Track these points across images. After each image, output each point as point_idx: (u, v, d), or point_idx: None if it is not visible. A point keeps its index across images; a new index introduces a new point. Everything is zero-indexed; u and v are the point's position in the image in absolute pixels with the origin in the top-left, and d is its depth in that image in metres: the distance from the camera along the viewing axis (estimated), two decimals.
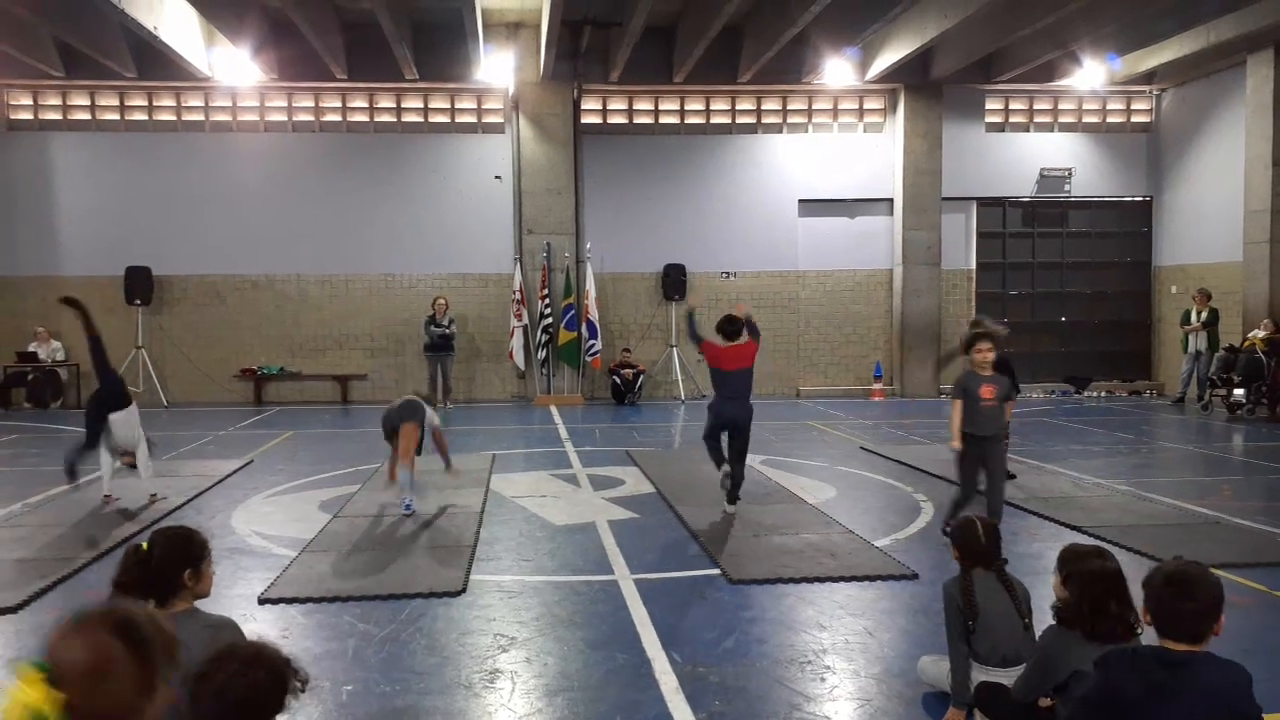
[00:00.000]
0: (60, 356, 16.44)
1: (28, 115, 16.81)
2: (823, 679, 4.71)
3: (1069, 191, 18.22)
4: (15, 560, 6.76)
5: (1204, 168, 17.18)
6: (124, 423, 8.31)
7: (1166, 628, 2.71)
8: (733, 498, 7.97)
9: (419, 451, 8.24)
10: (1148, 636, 2.99)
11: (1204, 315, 15.67)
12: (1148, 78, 17.45)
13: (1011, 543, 7.26)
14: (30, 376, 16.12)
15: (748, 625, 5.48)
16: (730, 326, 8.01)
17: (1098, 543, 5.22)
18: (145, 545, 2.98)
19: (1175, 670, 2.63)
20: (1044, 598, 5.60)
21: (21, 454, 11.67)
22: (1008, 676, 3.87)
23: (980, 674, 3.97)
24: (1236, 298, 15.92)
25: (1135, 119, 18.42)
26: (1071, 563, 3.54)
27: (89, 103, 16.87)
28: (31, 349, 16.27)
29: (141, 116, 16.99)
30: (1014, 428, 13.74)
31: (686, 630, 5.35)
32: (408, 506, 8.01)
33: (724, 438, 7.93)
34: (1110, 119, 18.39)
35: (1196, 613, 2.67)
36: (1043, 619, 3.97)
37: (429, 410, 8.26)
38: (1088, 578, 3.41)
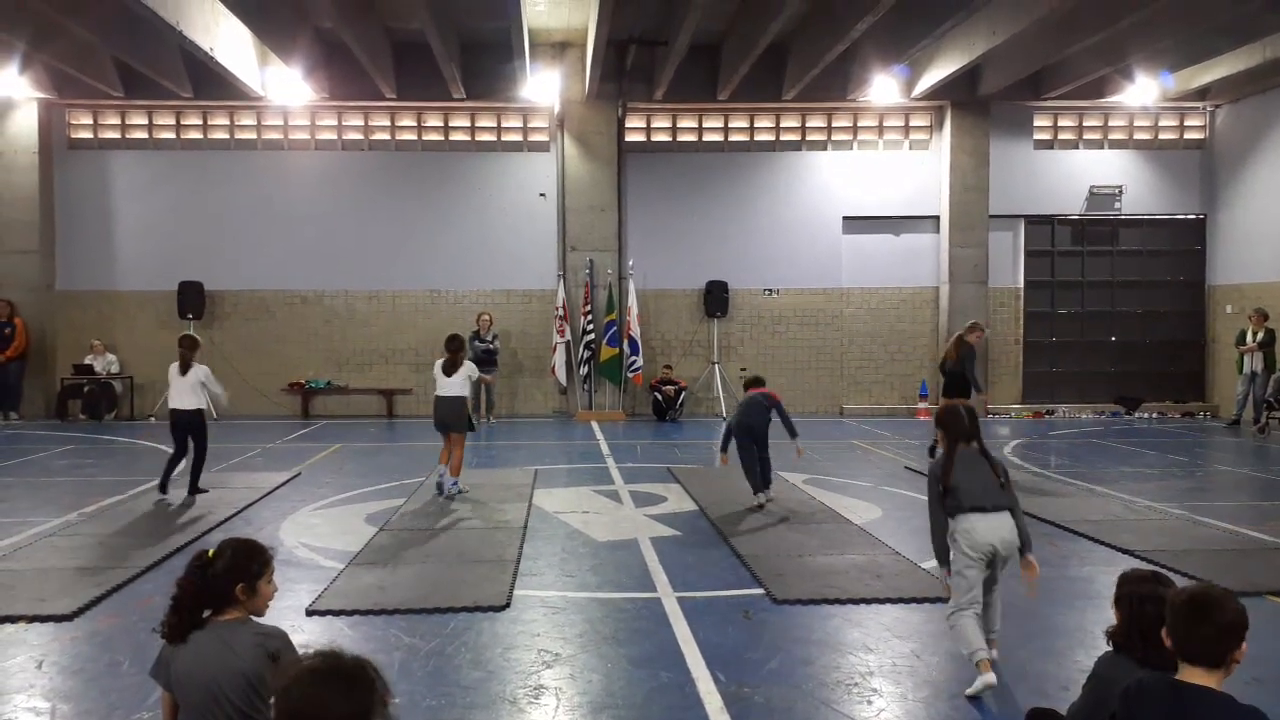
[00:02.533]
0: (115, 369, 16.82)
1: (88, 134, 17.28)
2: (869, 702, 4.66)
3: (1119, 209, 17.95)
4: (71, 568, 6.91)
5: (1260, 185, 16.83)
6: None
7: (1187, 651, 2.68)
8: (766, 482, 9.12)
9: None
10: None
11: (1260, 335, 15.33)
12: (1201, 94, 17.17)
13: (1062, 567, 7.14)
14: (86, 388, 16.51)
15: (792, 646, 5.44)
16: (754, 381, 9.54)
17: (1151, 568, 5.13)
18: (210, 553, 3.03)
19: (1190, 704, 2.59)
20: (1096, 623, 5.50)
21: (77, 464, 11.94)
22: (992, 519, 4.79)
23: (968, 520, 4.77)
24: None
25: (1188, 135, 18.10)
26: (1123, 586, 3.48)
27: (146, 122, 17.30)
28: (88, 361, 16.67)
29: (196, 135, 17.39)
30: (1064, 449, 13.58)
31: (730, 650, 5.32)
32: (455, 485, 9.46)
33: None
34: (1162, 135, 18.10)
35: (1216, 636, 2.64)
36: (1097, 645, 3.90)
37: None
38: (1139, 602, 3.35)
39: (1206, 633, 2.64)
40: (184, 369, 9.30)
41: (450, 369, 9.58)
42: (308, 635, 5.49)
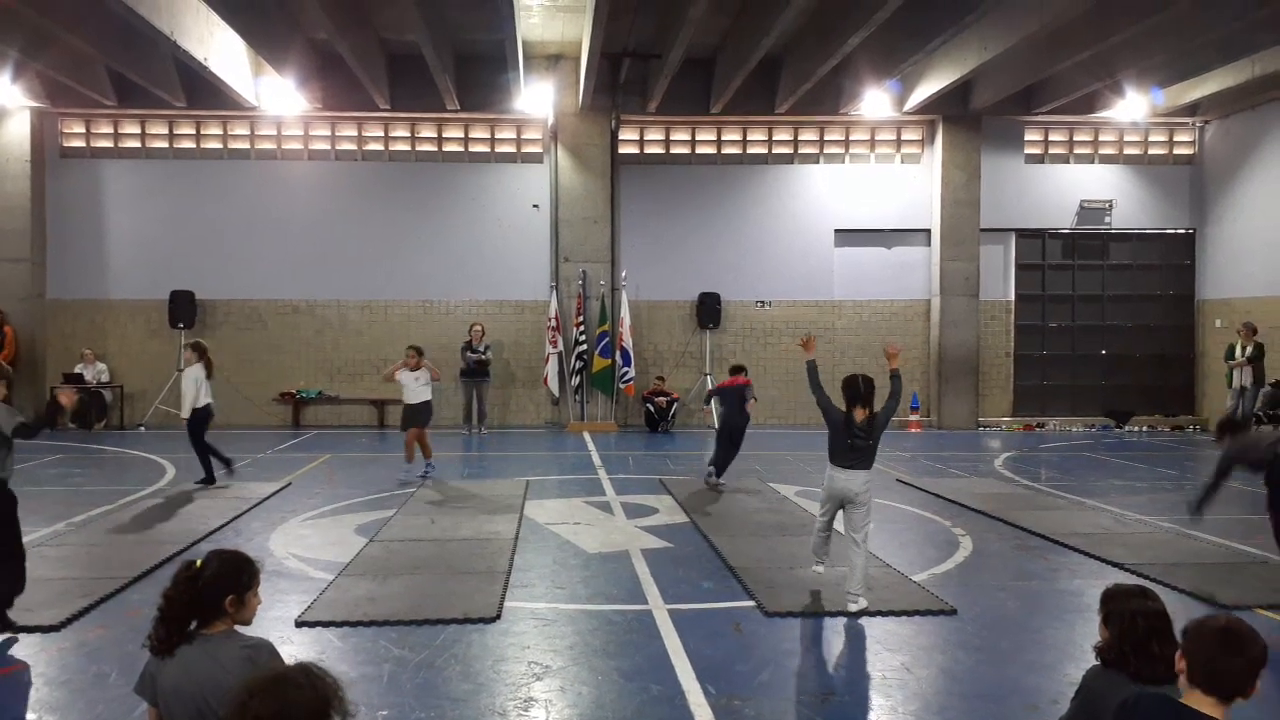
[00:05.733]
0: (105, 378, 16.75)
1: (80, 143, 17.26)
2: (860, 715, 4.66)
3: (1109, 223, 18.04)
4: (58, 579, 6.87)
5: (1249, 200, 16.94)
6: None
7: (1209, 682, 2.62)
8: (720, 473, 10.84)
9: None
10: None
11: (1249, 350, 15.39)
12: (1191, 110, 17.29)
13: (1051, 579, 7.16)
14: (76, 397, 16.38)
15: (783, 659, 5.44)
16: (736, 368, 11.38)
17: (1141, 581, 5.14)
18: (198, 563, 3.01)
19: None
20: (1085, 637, 5.50)
21: (66, 474, 11.89)
22: (847, 473, 6.43)
23: (831, 470, 6.45)
24: None
25: (1178, 151, 18.22)
26: (1111, 602, 3.47)
27: (139, 131, 17.29)
28: (78, 370, 16.59)
29: (189, 145, 17.37)
30: (1054, 462, 13.62)
31: (721, 662, 5.31)
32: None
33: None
34: (1152, 151, 18.21)
35: (1245, 670, 2.60)
36: (1087, 658, 3.91)
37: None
38: (1129, 617, 3.34)
39: (1238, 665, 2.58)
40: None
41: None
42: (297, 647, 5.47)
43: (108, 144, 17.28)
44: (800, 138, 17.86)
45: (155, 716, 2.98)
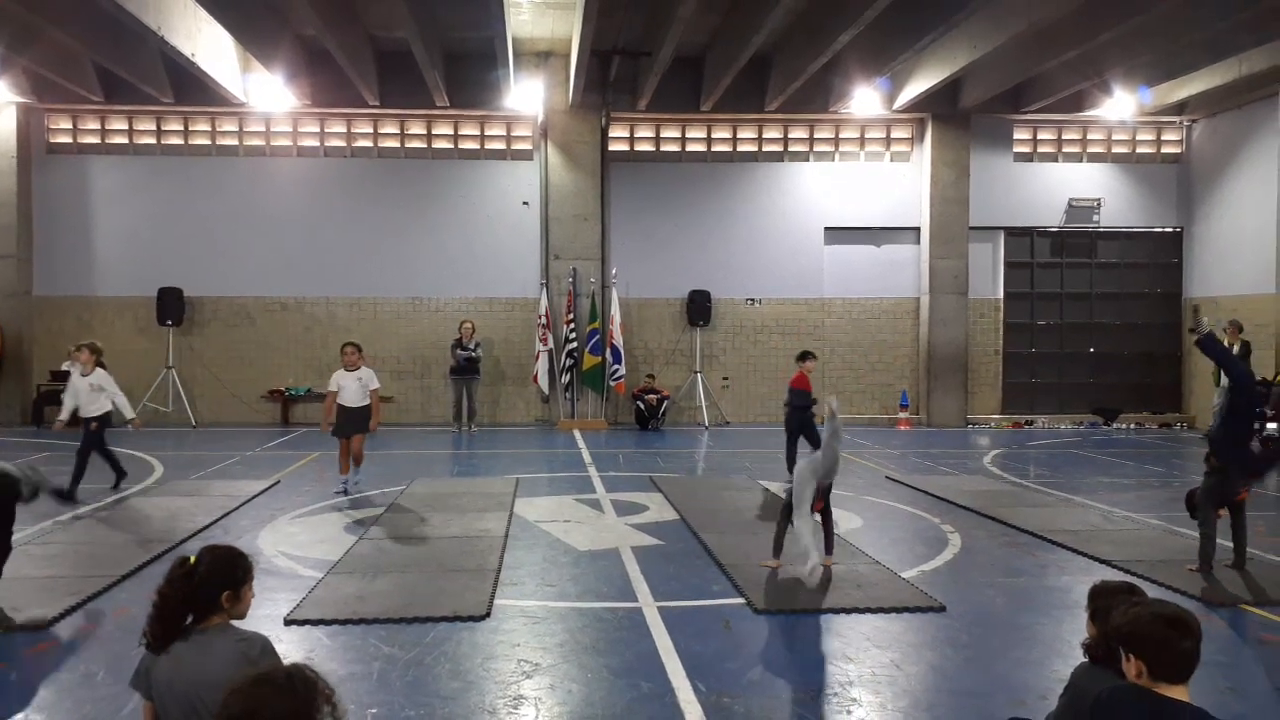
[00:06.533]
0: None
1: (67, 139, 17.15)
2: (849, 712, 4.67)
3: (1098, 222, 18.12)
4: (45, 577, 6.84)
5: (1236, 199, 17.04)
6: None
7: (1167, 670, 2.66)
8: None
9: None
10: None
11: (1236, 348, 15.45)
12: (1178, 108, 17.37)
13: (1040, 576, 7.20)
14: (63, 395, 16.29)
15: (773, 656, 5.45)
16: (800, 355, 11.43)
17: (1127, 578, 5.17)
18: (193, 559, 3.01)
19: (1169, 717, 2.59)
20: (1073, 633, 5.54)
21: (54, 471, 11.71)
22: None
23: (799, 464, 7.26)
24: (1270, 330, 15.73)
25: (1165, 149, 18.31)
26: (1098, 599, 3.49)
27: (127, 127, 17.19)
28: (65, 368, 16.45)
29: (177, 141, 17.29)
30: (1042, 459, 13.69)
31: (711, 660, 5.32)
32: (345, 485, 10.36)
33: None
34: (1140, 149, 18.29)
35: (1195, 650, 2.66)
36: (1074, 655, 3.93)
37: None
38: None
39: (1192, 647, 2.63)
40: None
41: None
42: (286, 645, 5.45)
43: (95, 140, 17.18)
44: (790, 136, 17.88)
45: (150, 711, 2.97)
